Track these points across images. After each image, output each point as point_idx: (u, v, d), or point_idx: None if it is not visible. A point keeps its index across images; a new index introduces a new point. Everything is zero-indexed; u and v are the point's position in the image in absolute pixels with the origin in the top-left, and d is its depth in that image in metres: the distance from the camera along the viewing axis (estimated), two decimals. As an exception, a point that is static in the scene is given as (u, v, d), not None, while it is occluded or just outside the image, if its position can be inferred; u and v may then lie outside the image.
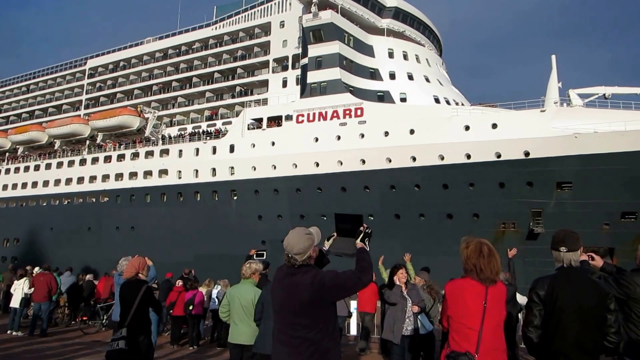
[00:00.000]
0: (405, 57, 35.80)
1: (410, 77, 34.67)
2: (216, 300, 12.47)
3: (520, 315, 9.27)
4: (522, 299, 8.90)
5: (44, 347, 11.25)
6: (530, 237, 27.44)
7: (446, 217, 29.28)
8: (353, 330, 13.63)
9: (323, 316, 3.25)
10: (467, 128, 29.12)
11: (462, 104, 34.40)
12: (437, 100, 33.38)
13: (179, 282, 12.99)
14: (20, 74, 60.13)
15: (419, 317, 7.39)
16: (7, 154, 52.94)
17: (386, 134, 30.88)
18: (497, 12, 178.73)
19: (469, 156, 28.67)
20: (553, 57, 30.64)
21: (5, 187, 49.60)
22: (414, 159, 29.90)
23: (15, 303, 13.34)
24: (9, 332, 12.91)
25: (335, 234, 3.66)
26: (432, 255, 25.07)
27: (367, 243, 3.51)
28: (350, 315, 12.05)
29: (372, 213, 31.12)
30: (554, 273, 3.60)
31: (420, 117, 30.35)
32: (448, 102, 33.61)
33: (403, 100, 33.23)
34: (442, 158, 29.22)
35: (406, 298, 7.22)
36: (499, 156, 28.13)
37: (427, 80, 35.12)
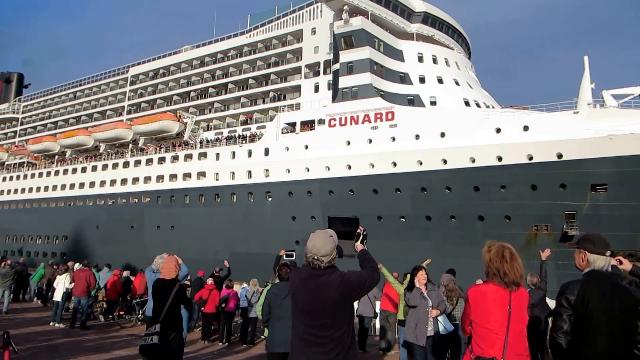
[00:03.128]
0: (434, 60, 36.00)
1: (440, 81, 34.85)
2: (245, 298, 12.71)
3: (549, 320, 9.04)
4: (552, 303, 8.54)
5: (83, 339, 11.74)
6: (564, 240, 27.08)
7: (477, 219, 29.34)
8: (379, 331, 13.73)
9: (347, 315, 3.35)
10: (498, 130, 29.16)
11: (493, 107, 34.37)
12: (467, 103, 33.45)
13: (210, 280, 13.17)
14: (67, 82, 62.98)
15: (439, 318, 7.44)
16: (56, 157, 55.93)
17: (417, 137, 31.21)
18: (526, 12, 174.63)
19: (500, 158, 28.71)
20: (585, 57, 30.28)
21: (55, 187, 52.37)
22: (445, 161, 30.11)
23: (57, 297, 14.05)
24: (51, 323, 13.54)
25: None
26: (463, 257, 25.54)
27: (365, 244, 3.70)
28: (376, 315, 12.08)
29: (403, 215, 31.65)
30: (584, 277, 3.49)
31: (450, 120, 30.56)
32: (478, 105, 33.62)
33: (433, 103, 33.48)
34: (473, 160, 29.34)
35: (427, 299, 7.25)
36: (530, 158, 27.99)
37: (457, 83, 35.20)
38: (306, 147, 35.38)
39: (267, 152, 37.43)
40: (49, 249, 50.30)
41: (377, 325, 13.39)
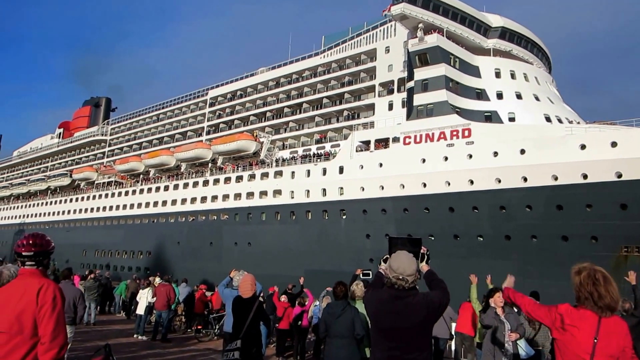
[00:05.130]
0: (512, 76, 35.16)
1: (519, 97, 33.95)
2: (317, 315, 12.77)
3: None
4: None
5: (164, 352, 12.38)
6: (659, 263, 25.56)
7: (561, 239, 28.11)
8: (454, 354, 13.30)
9: (429, 338, 3.40)
10: (582, 147, 27.89)
11: (577, 122, 33.04)
12: (548, 119, 32.36)
13: (284, 297, 13.32)
14: (150, 105, 67.08)
15: (519, 342, 7.19)
16: (141, 176, 59.78)
17: (495, 154, 30.42)
18: (610, 22, 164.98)
19: (585, 176, 27.43)
20: (681, 69, 28.56)
21: (139, 205, 55.74)
22: (525, 179, 29.13)
23: (140, 310, 14.93)
24: (135, 336, 14.36)
25: (388, 256, 3.74)
26: (546, 279, 24.57)
27: (428, 265, 3.74)
28: (451, 337, 11.77)
29: (481, 234, 30.90)
30: None
31: (531, 137, 29.59)
32: (560, 121, 32.41)
33: (511, 119, 32.67)
34: (556, 178, 28.22)
35: (503, 322, 7.01)
36: (619, 176, 26.55)
37: (537, 98, 34.14)
38: (380, 165, 35.46)
39: (341, 170, 37.85)
40: (133, 263, 53.08)
41: (453, 347, 13.27)
